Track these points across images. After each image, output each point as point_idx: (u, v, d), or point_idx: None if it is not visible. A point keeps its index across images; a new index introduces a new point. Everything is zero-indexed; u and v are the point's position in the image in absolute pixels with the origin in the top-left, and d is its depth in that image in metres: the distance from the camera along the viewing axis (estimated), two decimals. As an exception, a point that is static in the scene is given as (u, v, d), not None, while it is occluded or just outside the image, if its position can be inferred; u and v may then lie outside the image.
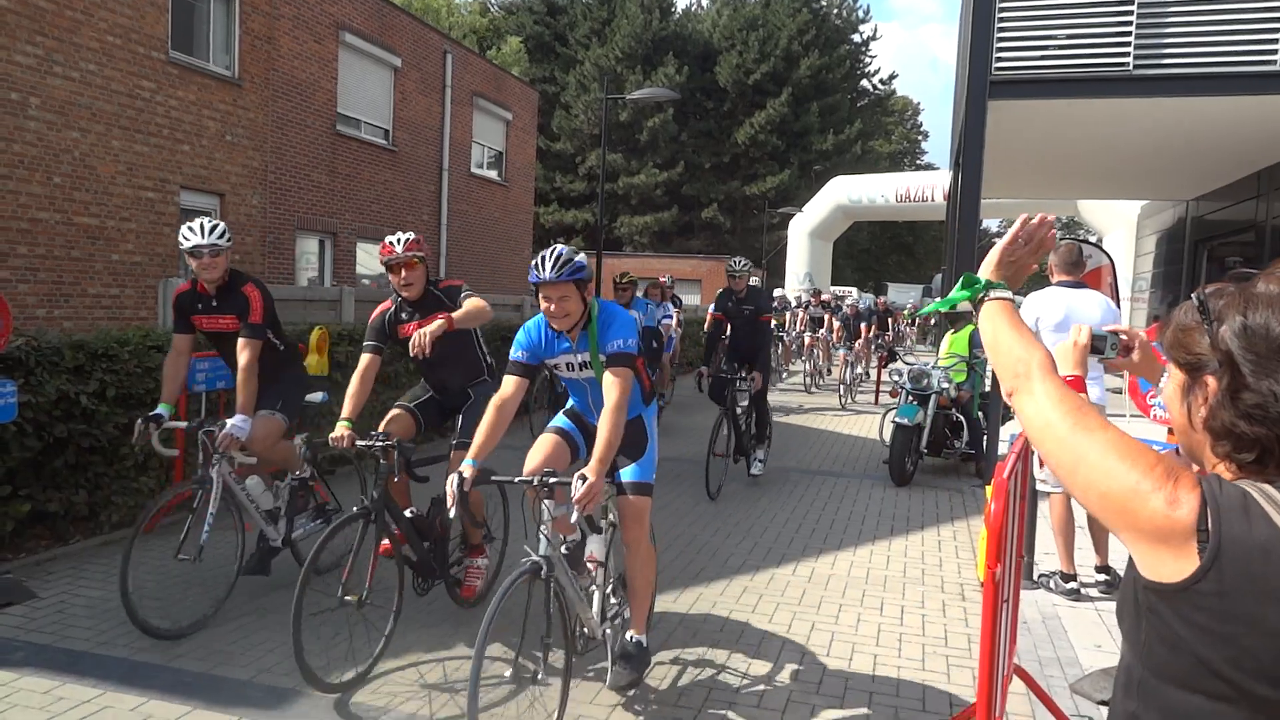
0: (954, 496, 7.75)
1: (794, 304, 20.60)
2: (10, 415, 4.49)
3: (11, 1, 9.26)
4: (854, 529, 6.56)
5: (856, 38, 52.76)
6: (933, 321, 34.14)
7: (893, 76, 59.90)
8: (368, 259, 17.39)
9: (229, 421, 4.29)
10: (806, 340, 16.95)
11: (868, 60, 54.11)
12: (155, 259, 11.18)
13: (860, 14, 52.80)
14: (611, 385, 3.39)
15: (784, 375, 17.61)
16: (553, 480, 3.26)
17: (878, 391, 15.23)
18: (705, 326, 9.60)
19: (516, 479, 3.36)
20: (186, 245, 4.44)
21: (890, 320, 21.47)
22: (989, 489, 2.60)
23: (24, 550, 5.02)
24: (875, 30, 57.07)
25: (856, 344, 15.36)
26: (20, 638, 3.99)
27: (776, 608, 4.82)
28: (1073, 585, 4.97)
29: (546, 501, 3.26)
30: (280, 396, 4.67)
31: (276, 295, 5.31)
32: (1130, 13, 8.10)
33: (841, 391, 14.40)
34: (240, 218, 12.69)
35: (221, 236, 4.48)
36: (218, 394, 6.01)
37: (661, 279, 12.72)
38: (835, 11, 51.75)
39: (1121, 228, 20.94)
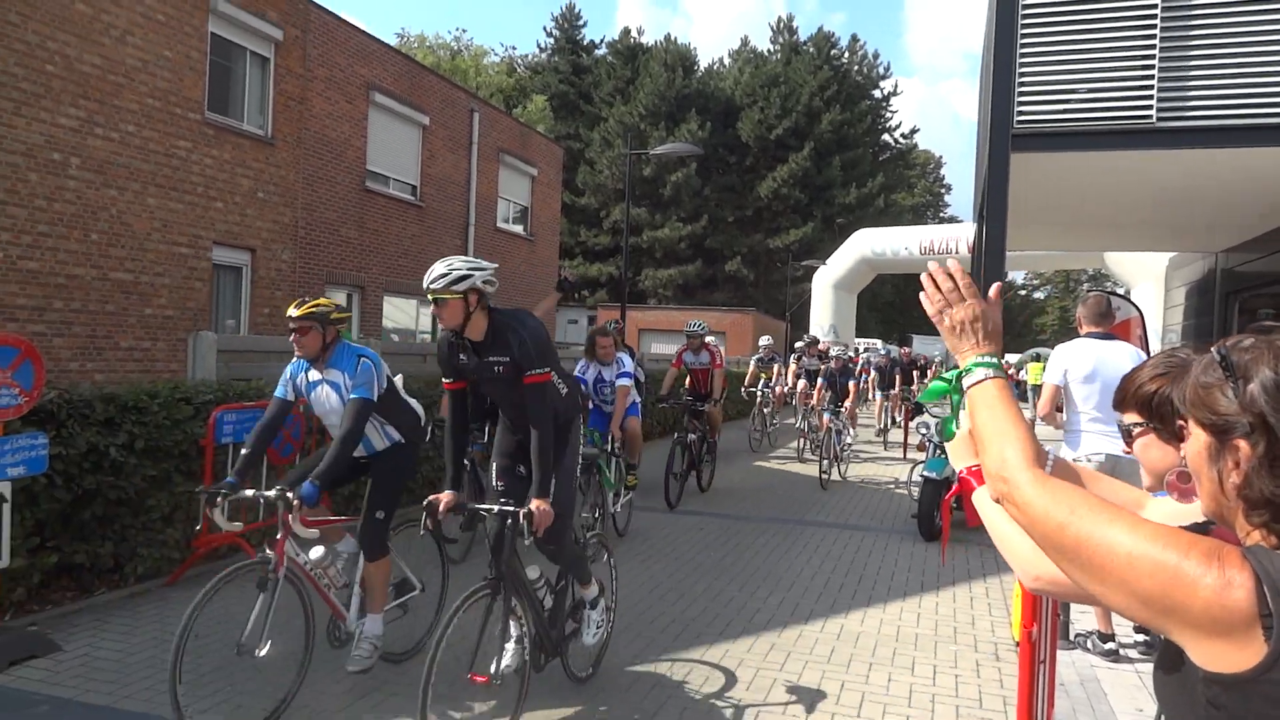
0: (985, 552, 7.58)
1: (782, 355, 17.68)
2: (41, 468, 4.53)
3: (58, 67, 9.61)
4: (883, 585, 6.42)
5: (877, 93, 53.41)
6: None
7: (914, 131, 60.41)
8: (395, 312, 17.61)
9: None
10: (797, 396, 13.84)
11: (889, 115, 54.69)
12: (187, 313, 11.37)
13: (881, 70, 53.53)
14: None
15: (774, 435, 15.52)
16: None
17: (905, 444, 15.03)
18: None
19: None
20: None
21: (915, 373, 19.60)
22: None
23: (50, 602, 5.03)
24: (896, 86, 57.86)
25: (845, 405, 12.20)
26: (43, 691, 3.97)
27: (805, 665, 4.70)
28: (1111, 645, 4.82)
29: None
30: None
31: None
32: (1152, 65, 8.14)
33: (824, 467, 10.94)
34: (271, 273, 12.91)
35: None
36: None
37: (610, 324, 9.34)
38: (856, 68, 52.48)
39: (1149, 280, 20.78)
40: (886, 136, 55.26)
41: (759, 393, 15.15)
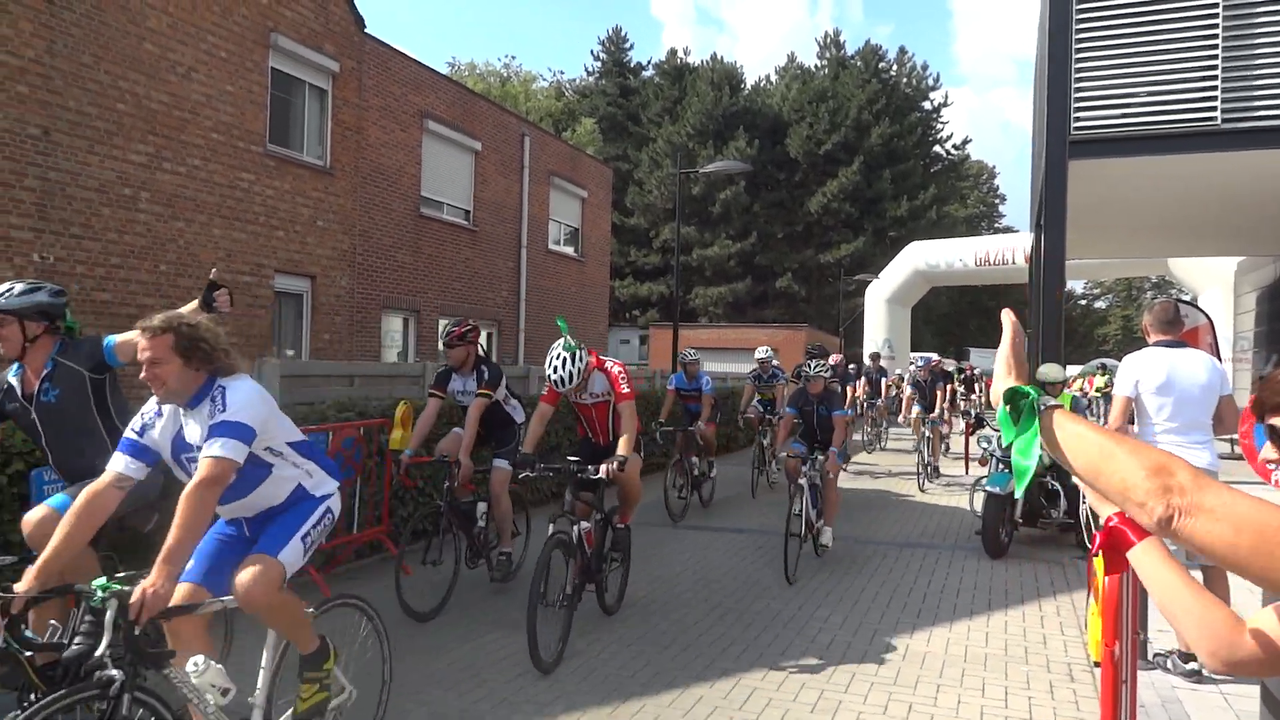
0: (1054, 569, 7.36)
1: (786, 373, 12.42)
2: (115, 491, 4.66)
3: (128, 105, 10.00)
4: (949, 603, 6.27)
5: (927, 105, 52.91)
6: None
7: (966, 141, 59.62)
8: (449, 335, 17.85)
9: None
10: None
11: (939, 126, 54.09)
12: (251, 340, 11.66)
13: (930, 82, 53.02)
14: None
15: (772, 473, 11.54)
16: None
17: (967, 460, 14.71)
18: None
19: None
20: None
21: (950, 387, 15.24)
22: (1098, 560, 2.45)
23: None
24: (946, 97, 57.24)
25: (826, 455, 7.18)
26: (119, 711, 4.06)
27: (871, 687, 4.61)
28: (1193, 665, 4.62)
29: None
30: None
31: (363, 372, 5.47)
32: (1215, 65, 7.92)
33: (796, 542, 6.74)
34: (330, 298, 13.20)
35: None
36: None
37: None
38: (905, 80, 52.06)
39: (1217, 285, 20.14)
40: (938, 148, 54.66)
41: (756, 417, 11.41)
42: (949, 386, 14.83)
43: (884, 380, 17.61)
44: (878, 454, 16.56)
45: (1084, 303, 66.15)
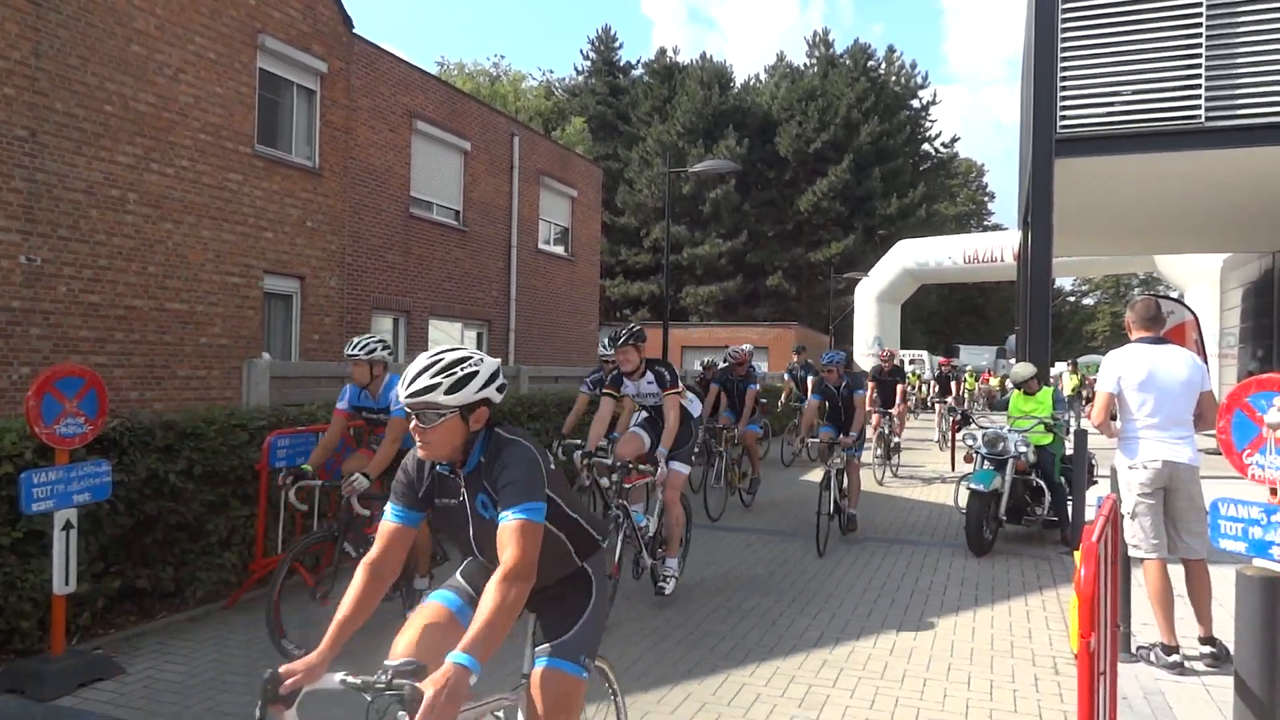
0: (1040, 564, 7.43)
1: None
2: (105, 494, 4.68)
3: (116, 107, 9.97)
4: (935, 599, 6.33)
5: (916, 103, 53.06)
6: (999, 387, 33.30)
7: (955, 140, 59.76)
8: (441, 336, 17.83)
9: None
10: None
11: (928, 125, 54.27)
12: (240, 341, 11.64)
13: (919, 80, 53.20)
14: None
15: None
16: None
17: (953, 456, 14.80)
18: None
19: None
20: None
21: (901, 386, 13.02)
22: (1078, 554, 2.50)
23: (114, 626, 5.17)
24: (935, 95, 57.42)
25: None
26: (110, 713, 4.08)
27: (858, 682, 4.65)
28: (1175, 658, 4.68)
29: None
30: None
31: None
32: (1199, 65, 8.00)
33: None
34: (319, 299, 13.18)
35: None
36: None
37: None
38: (894, 79, 52.22)
39: (1204, 282, 20.31)
40: (927, 146, 54.86)
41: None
42: (900, 387, 12.39)
43: (810, 379, 12.41)
44: (811, 470, 13.22)
45: (1072, 299, 66.50)
